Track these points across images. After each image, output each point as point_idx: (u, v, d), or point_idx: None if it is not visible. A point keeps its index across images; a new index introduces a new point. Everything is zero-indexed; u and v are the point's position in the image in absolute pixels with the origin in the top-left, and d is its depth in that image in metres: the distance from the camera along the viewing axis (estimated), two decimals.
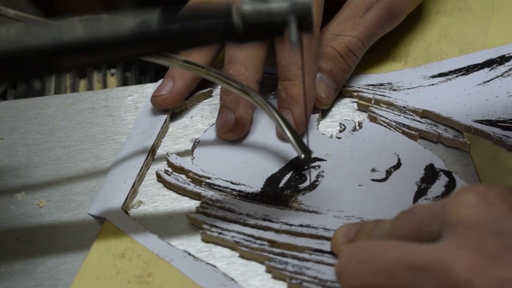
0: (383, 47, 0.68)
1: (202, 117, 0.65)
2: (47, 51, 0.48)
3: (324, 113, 0.64)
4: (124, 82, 0.71)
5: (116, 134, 0.64)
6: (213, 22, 0.49)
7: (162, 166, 0.61)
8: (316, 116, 0.63)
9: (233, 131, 0.61)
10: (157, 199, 0.59)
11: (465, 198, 0.45)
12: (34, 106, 0.66)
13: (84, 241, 0.56)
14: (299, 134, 0.59)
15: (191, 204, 0.58)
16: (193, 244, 0.55)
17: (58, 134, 0.64)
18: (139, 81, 0.72)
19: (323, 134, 0.62)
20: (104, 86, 0.71)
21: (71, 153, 0.62)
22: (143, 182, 0.60)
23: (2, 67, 0.48)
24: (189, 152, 0.62)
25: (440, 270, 0.43)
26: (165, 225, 0.57)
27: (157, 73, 0.72)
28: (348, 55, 0.62)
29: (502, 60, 0.67)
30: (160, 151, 0.62)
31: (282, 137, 0.61)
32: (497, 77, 0.66)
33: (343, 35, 0.62)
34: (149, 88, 0.67)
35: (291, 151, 0.60)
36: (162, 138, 0.63)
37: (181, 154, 0.62)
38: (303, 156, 0.57)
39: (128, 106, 0.66)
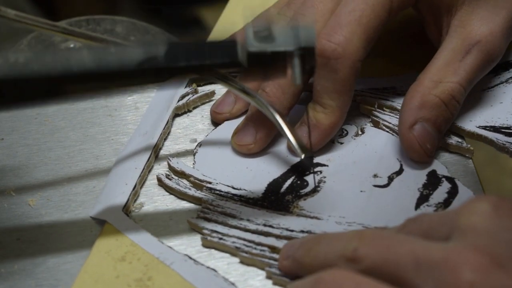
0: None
1: (202, 117, 0.65)
2: (55, 79, 0.49)
3: None
4: None
5: (116, 134, 0.64)
6: (219, 61, 0.51)
7: (163, 168, 0.61)
8: None
9: (248, 149, 0.61)
10: (157, 199, 0.59)
11: (478, 207, 0.45)
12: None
13: (84, 241, 0.56)
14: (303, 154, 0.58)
15: (191, 205, 0.58)
16: (193, 244, 0.55)
17: (58, 134, 0.64)
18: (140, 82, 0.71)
19: None
20: (105, 89, 0.70)
21: (71, 153, 0.63)
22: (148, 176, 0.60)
23: (9, 94, 0.49)
24: (189, 153, 0.62)
25: (445, 268, 0.43)
26: (165, 225, 0.57)
27: None
28: (452, 102, 0.59)
29: (507, 65, 0.67)
30: (161, 152, 0.62)
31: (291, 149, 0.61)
32: (502, 83, 0.65)
33: (444, 82, 0.59)
34: (149, 88, 0.67)
35: (293, 156, 0.60)
36: (165, 139, 0.63)
37: (181, 154, 0.62)
38: (303, 156, 0.57)
39: (128, 106, 0.66)
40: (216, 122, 0.64)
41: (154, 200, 0.58)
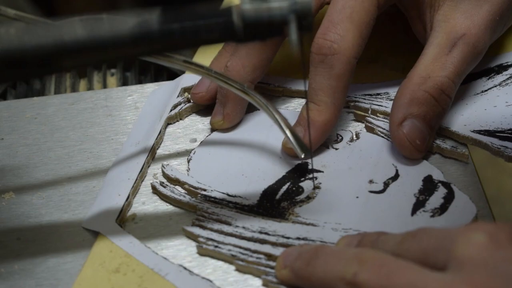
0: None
1: (202, 117, 0.65)
2: (48, 50, 0.48)
3: None
4: (124, 82, 0.72)
5: (116, 134, 0.64)
6: (213, 22, 0.50)
7: (158, 175, 0.60)
8: None
9: (219, 125, 0.63)
10: (157, 199, 0.58)
11: (474, 238, 0.45)
12: (34, 106, 0.66)
13: (84, 241, 0.56)
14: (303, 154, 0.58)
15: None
16: (193, 244, 0.55)
17: (58, 134, 0.64)
18: (139, 81, 0.72)
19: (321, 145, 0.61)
20: (104, 86, 0.71)
21: (71, 153, 0.63)
22: (143, 182, 0.60)
23: (1, 66, 0.48)
24: (189, 152, 0.62)
25: None
26: (164, 225, 0.56)
27: (157, 73, 0.72)
28: (442, 97, 0.59)
29: (499, 69, 0.66)
30: (160, 151, 0.62)
31: (288, 150, 0.61)
32: (495, 86, 0.65)
33: (433, 77, 0.59)
34: (149, 88, 0.67)
35: (288, 162, 0.60)
36: (157, 149, 0.62)
37: (181, 154, 0.62)
38: (303, 155, 0.57)
39: (128, 106, 0.66)
40: (197, 104, 0.65)
41: (154, 200, 0.58)
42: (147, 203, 0.58)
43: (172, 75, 0.71)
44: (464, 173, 0.59)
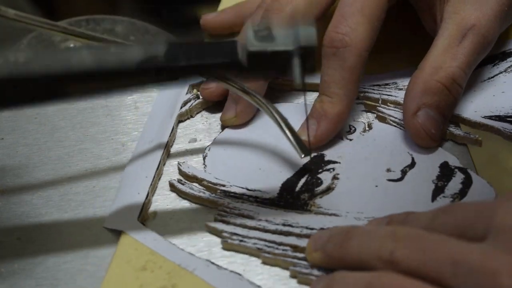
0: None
1: (202, 117, 0.65)
2: (55, 79, 0.49)
3: None
4: None
5: (116, 134, 0.64)
6: (219, 61, 0.51)
7: (173, 173, 0.60)
8: None
9: (231, 122, 0.63)
10: (175, 196, 0.58)
11: None
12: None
13: (84, 241, 0.56)
14: (314, 147, 0.59)
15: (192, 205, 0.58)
16: (193, 243, 0.55)
17: (58, 134, 0.64)
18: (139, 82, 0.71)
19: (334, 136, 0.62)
20: (105, 89, 0.70)
21: (71, 153, 0.62)
22: (160, 180, 0.60)
23: (9, 93, 0.49)
24: (189, 152, 0.62)
25: (483, 273, 0.43)
26: (186, 221, 0.57)
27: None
28: (454, 86, 0.60)
29: (503, 55, 0.67)
30: (174, 149, 0.62)
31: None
32: (501, 72, 0.66)
33: (445, 67, 0.60)
34: (150, 88, 0.67)
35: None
36: (171, 146, 0.62)
37: (181, 154, 0.62)
38: (302, 156, 0.57)
39: (128, 106, 0.66)
40: (207, 101, 0.65)
41: (168, 201, 0.58)
42: (166, 201, 0.58)
43: None
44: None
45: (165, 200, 0.58)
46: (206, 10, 0.74)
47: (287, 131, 0.58)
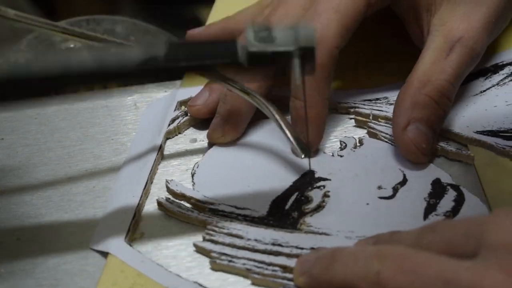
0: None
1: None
2: (55, 80, 0.49)
3: None
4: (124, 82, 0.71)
5: (116, 134, 0.64)
6: (219, 61, 0.52)
7: (161, 191, 0.59)
8: None
9: (219, 141, 0.62)
10: (163, 215, 0.58)
11: (505, 223, 0.44)
12: (34, 106, 0.66)
13: (84, 241, 0.55)
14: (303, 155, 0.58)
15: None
16: (181, 264, 0.54)
17: (58, 134, 0.64)
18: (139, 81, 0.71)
19: (324, 152, 0.61)
20: (104, 86, 0.71)
21: (71, 153, 0.63)
22: (147, 199, 0.59)
23: (10, 94, 0.49)
24: (189, 152, 0.62)
25: None
26: (174, 240, 0.56)
27: None
28: (443, 100, 0.59)
29: (496, 68, 0.67)
30: (161, 167, 0.61)
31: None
32: (493, 86, 0.65)
33: (433, 81, 0.59)
34: (149, 88, 0.68)
35: (294, 171, 0.59)
36: (158, 165, 0.61)
37: (181, 154, 0.61)
38: (302, 156, 0.57)
39: (128, 106, 0.67)
40: (194, 118, 0.64)
41: (156, 220, 0.57)
42: (154, 219, 0.57)
43: None
44: (465, 173, 0.58)
45: (152, 219, 0.57)
46: (207, 10, 0.74)
47: (287, 131, 0.58)
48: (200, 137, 0.63)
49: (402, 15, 0.65)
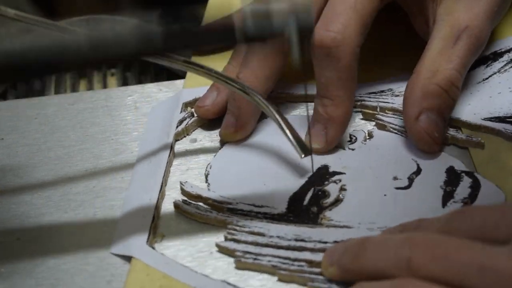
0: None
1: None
2: (51, 65, 0.49)
3: None
4: (124, 82, 0.72)
5: (116, 134, 0.64)
6: (216, 37, 0.52)
7: (170, 191, 0.59)
8: None
9: (232, 137, 0.62)
10: (180, 216, 0.57)
11: None
12: (34, 106, 0.67)
13: (84, 241, 0.55)
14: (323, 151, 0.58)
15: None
16: (193, 243, 0.55)
17: (58, 134, 0.64)
18: (139, 81, 0.72)
19: (335, 146, 0.61)
20: (104, 86, 0.72)
21: (71, 153, 0.63)
22: (164, 200, 0.59)
23: (2, 70, 0.49)
24: (189, 153, 0.61)
25: None
26: (194, 241, 0.55)
27: (157, 73, 0.73)
28: (452, 89, 0.59)
29: (495, 56, 0.67)
30: (173, 169, 0.61)
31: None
32: (494, 73, 0.66)
33: (441, 70, 0.59)
34: (149, 88, 0.68)
35: (308, 166, 0.59)
36: (170, 167, 0.61)
37: (181, 154, 0.61)
38: (303, 156, 0.57)
39: (128, 106, 0.67)
40: (202, 118, 0.64)
41: (174, 222, 0.57)
42: (172, 222, 0.57)
43: (172, 75, 0.72)
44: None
45: (171, 221, 0.57)
46: None
47: (287, 131, 0.57)
48: (200, 137, 0.63)
49: (407, 6, 0.65)
